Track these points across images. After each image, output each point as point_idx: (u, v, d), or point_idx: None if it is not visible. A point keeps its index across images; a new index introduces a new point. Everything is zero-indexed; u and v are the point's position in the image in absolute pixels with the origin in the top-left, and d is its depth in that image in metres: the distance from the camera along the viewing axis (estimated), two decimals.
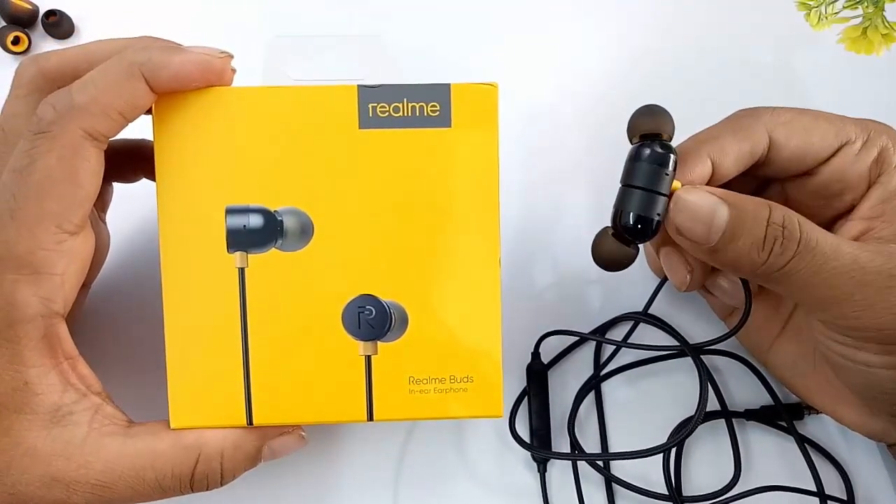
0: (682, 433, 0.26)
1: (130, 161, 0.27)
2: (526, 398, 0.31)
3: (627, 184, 0.24)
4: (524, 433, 0.31)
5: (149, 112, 0.23)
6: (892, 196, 0.24)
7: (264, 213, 0.23)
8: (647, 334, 0.32)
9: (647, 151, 0.23)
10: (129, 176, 0.28)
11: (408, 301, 0.24)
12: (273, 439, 0.25)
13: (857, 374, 0.24)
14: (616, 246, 0.24)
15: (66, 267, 0.22)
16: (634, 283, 0.31)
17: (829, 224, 0.26)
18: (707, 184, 0.25)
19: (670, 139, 0.24)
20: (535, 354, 0.31)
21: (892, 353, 0.23)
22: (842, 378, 0.26)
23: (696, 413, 0.26)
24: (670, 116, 0.23)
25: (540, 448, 0.30)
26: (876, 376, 0.24)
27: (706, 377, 0.26)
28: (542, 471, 0.30)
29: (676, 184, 0.24)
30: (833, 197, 0.25)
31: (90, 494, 0.22)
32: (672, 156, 0.23)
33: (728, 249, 0.23)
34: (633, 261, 0.24)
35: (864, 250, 0.22)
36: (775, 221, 0.22)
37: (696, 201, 0.23)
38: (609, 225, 0.24)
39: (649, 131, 0.23)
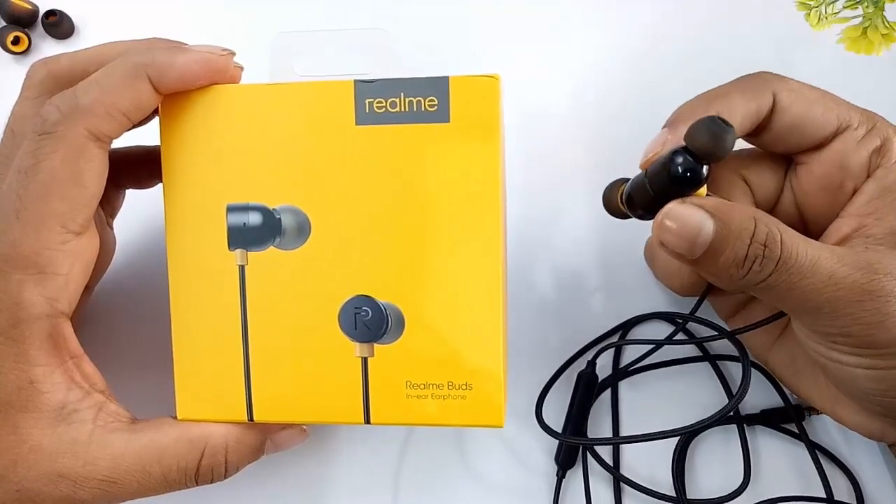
0: (709, 418, 0.25)
1: (145, 167, 0.28)
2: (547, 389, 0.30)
3: (648, 178, 0.23)
4: (527, 428, 0.31)
5: (156, 113, 0.24)
6: (885, 192, 0.24)
7: (263, 210, 0.23)
8: (661, 335, 0.31)
9: (679, 172, 0.22)
10: (144, 182, 0.28)
11: (405, 303, 0.23)
12: (275, 433, 0.26)
13: (836, 372, 0.24)
14: (619, 205, 0.25)
15: (71, 267, 0.23)
16: (633, 285, 0.32)
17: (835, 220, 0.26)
18: None
19: (719, 159, 0.21)
20: (592, 363, 0.31)
21: (863, 355, 0.23)
22: (827, 376, 0.26)
23: (740, 388, 0.24)
24: (731, 141, 0.21)
25: (569, 438, 0.30)
26: (852, 374, 0.24)
27: (748, 359, 0.25)
28: (561, 476, 0.30)
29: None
30: (836, 188, 0.25)
31: (97, 490, 0.22)
32: (697, 184, 0.22)
33: (709, 263, 0.23)
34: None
35: (843, 264, 0.22)
36: (758, 240, 0.22)
37: (683, 219, 0.22)
38: (624, 180, 0.25)
39: (699, 149, 0.21)
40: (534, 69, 0.33)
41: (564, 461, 0.30)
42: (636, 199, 0.24)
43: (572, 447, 0.30)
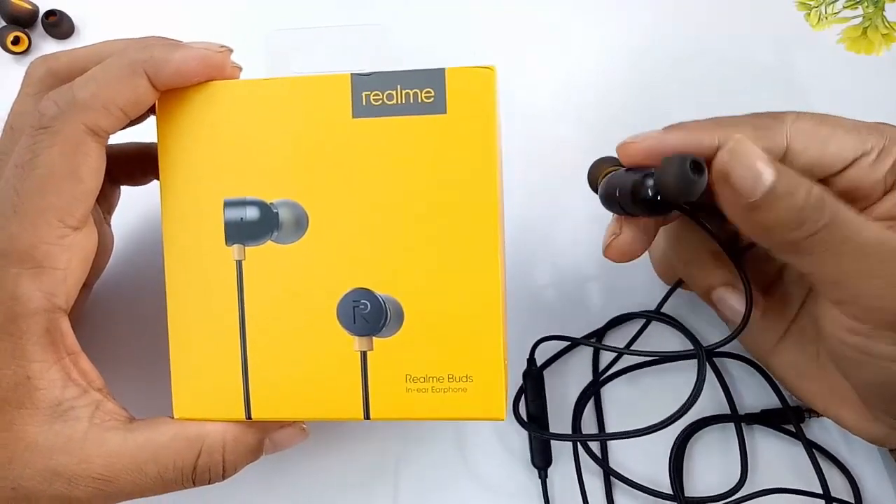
0: (676, 413, 0.25)
1: (140, 164, 0.28)
2: (524, 397, 0.30)
3: (618, 183, 0.24)
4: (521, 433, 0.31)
5: (153, 110, 0.24)
6: None
7: (260, 205, 0.23)
8: (655, 333, 0.31)
9: (641, 200, 0.23)
10: (139, 178, 0.28)
11: (404, 295, 0.23)
12: (274, 432, 0.25)
13: (871, 371, 0.24)
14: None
15: (69, 262, 0.22)
16: (633, 285, 0.32)
17: None
18: None
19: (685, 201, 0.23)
20: (531, 360, 0.30)
21: None
22: (853, 377, 0.25)
23: (690, 395, 0.24)
24: (699, 188, 0.21)
25: (540, 431, 0.30)
26: (891, 372, 0.23)
27: (703, 378, 0.25)
28: (544, 476, 0.30)
29: None
30: (850, 202, 0.24)
31: (91, 488, 0.22)
32: (658, 215, 0.24)
33: (768, 208, 0.22)
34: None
35: (887, 231, 0.22)
36: (815, 193, 0.22)
37: (751, 152, 0.22)
38: (606, 160, 0.25)
39: (664, 187, 0.21)
40: (534, 69, 0.33)
41: (538, 462, 0.30)
42: (619, 194, 0.24)
43: (542, 447, 0.30)
